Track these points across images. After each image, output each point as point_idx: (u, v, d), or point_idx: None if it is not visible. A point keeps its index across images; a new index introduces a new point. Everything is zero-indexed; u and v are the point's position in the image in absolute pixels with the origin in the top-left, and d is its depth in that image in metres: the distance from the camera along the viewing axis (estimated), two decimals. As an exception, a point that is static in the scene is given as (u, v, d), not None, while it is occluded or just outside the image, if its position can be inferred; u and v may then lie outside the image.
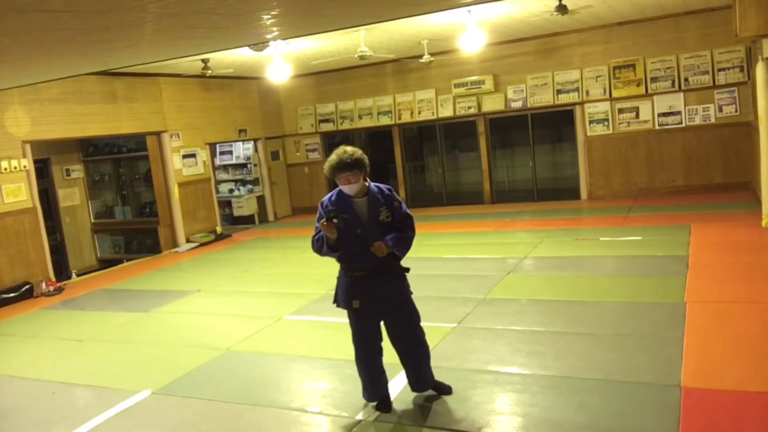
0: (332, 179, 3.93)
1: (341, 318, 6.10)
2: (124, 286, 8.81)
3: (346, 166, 3.80)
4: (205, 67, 9.92)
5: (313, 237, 3.93)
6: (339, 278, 4.05)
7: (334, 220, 3.68)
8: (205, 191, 12.07)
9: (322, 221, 3.73)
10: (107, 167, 12.55)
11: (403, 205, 4.04)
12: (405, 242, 3.95)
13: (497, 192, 12.71)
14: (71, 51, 5.40)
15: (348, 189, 3.88)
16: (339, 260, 3.99)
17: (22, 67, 6.21)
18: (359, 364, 4.09)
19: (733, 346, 4.55)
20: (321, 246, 3.87)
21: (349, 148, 3.86)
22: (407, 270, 4.05)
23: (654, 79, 11.02)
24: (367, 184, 3.96)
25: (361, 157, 3.84)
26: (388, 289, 3.98)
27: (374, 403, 4.11)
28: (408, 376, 4.19)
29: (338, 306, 4.08)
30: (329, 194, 4.00)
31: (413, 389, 4.20)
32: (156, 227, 11.59)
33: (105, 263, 11.91)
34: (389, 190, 4.03)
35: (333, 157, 3.84)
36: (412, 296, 4.11)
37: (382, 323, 4.09)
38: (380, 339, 4.08)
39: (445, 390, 4.19)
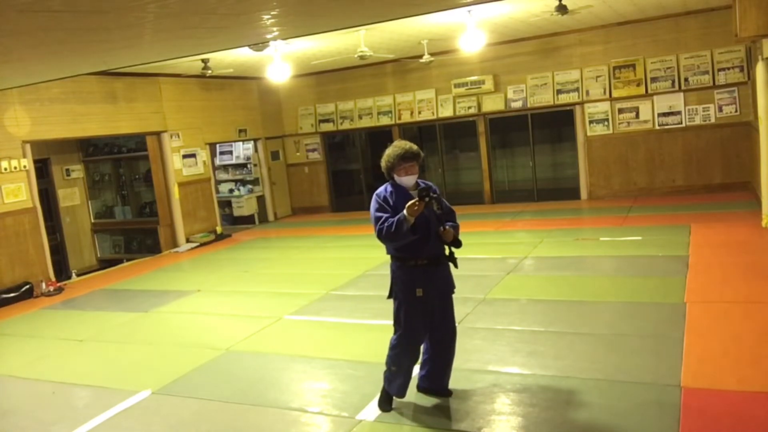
0: (388, 172, 3.97)
1: (341, 318, 6.14)
2: (124, 286, 8.80)
3: (413, 155, 3.91)
4: (205, 67, 9.92)
5: (381, 226, 3.82)
6: (395, 271, 4.02)
7: (426, 199, 3.73)
8: (205, 191, 12.07)
9: (413, 201, 3.70)
10: (107, 167, 12.54)
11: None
12: (458, 232, 4.01)
13: (497, 192, 12.71)
14: (71, 51, 5.40)
15: (408, 180, 3.94)
16: (403, 250, 3.94)
17: (22, 67, 6.22)
18: (407, 356, 4.02)
19: (733, 346, 4.55)
20: (398, 230, 3.76)
21: (404, 142, 3.97)
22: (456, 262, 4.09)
23: (654, 79, 11.02)
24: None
25: (419, 150, 3.96)
26: (446, 276, 4.07)
27: (380, 403, 4.10)
28: (434, 370, 4.15)
29: (395, 299, 4.04)
30: (383, 188, 3.99)
31: (432, 385, 4.18)
32: (156, 227, 11.60)
33: (105, 263, 11.91)
34: (431, 184, 4.05)
35: (395, 149, 3.91)
36: None
37: None
38: None
39: (445, 393, 4.18)
